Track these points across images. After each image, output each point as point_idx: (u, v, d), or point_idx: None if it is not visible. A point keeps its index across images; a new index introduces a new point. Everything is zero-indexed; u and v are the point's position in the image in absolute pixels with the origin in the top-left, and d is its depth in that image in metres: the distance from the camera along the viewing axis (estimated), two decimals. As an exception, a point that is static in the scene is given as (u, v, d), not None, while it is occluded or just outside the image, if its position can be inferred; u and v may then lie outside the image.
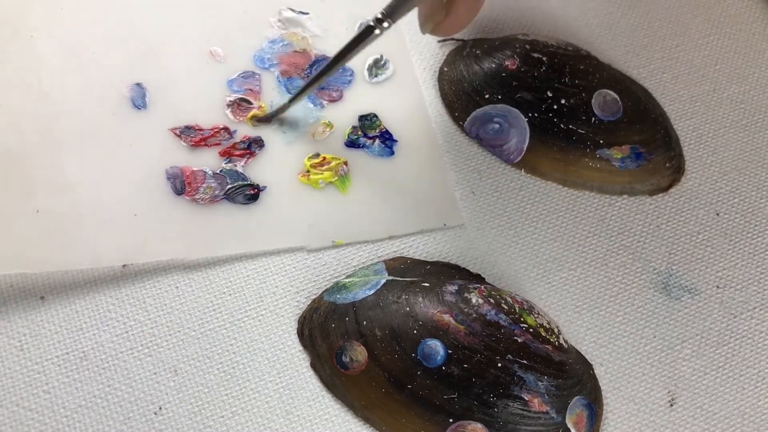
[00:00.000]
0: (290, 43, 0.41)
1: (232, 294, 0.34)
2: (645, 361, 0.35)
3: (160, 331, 0.33)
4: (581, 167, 0.39)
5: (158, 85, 0.38)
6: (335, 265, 0.36)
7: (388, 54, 0.41)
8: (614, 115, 0.40)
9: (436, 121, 0.40)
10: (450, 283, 0.33)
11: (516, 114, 0.39)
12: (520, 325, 0.31)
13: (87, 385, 0.31)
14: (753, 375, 0.36)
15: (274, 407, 0.32)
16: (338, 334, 0.33)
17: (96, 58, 0.38)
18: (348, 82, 0.40)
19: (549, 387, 0.31)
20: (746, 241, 0.39)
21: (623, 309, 0.37)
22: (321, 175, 0.37)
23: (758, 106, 0.44)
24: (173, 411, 0.31)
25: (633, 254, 0.38)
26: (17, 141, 0.35)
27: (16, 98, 0.36)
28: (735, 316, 0.37)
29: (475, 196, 0.39)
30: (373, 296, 0.33)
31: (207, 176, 0.36)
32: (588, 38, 0.44)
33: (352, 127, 0.39)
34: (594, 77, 0.40)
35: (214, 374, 0.32)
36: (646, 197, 0.40)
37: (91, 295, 0.33)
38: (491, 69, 0.40)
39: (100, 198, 0.35)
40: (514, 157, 0.39)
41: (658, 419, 0.34)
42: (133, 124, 0.37)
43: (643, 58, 0.44)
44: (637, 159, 0.40)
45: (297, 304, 0.35)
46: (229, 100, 0.38)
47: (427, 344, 0.31)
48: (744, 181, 0.41)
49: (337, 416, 0.32)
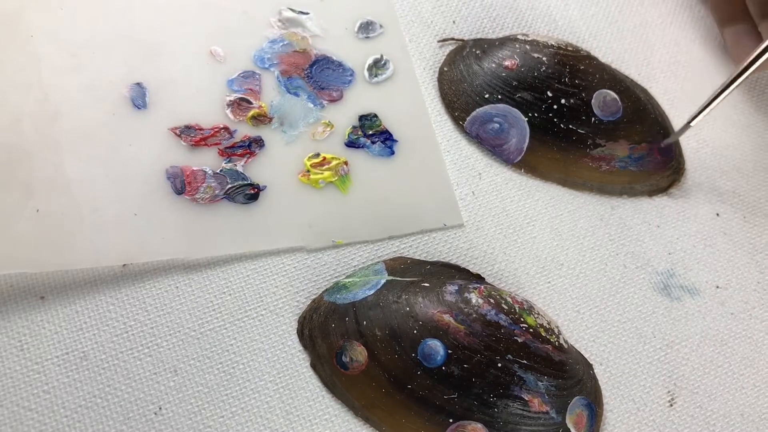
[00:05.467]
0: (290, 42, 0.41)
1: (232, 294, 0.34)
2: (645, 360, 0.35)
3: (160, 331, 0.33)
4: (581, 167, 0.39)
5: (158, 84, 0.38)
6: (335, 265, 0.36)
7: (388, 54, 0.41)
8: (614, 115, 0.40)
9: (436, 121, 0.40)
10: (450, 283, 0.33)
11: (516, 114, 0.39)
12: (520, 325, 0.31)
13: (87, 385, 0.31)
14: (753, 375, 0.36)
15: (274, 407, 0.32)
16: (338, 334, 0.33)
17: (96, 58, 0.38)
18: (348, 82, 0.40)
19: (549, 387, 0.31)
20: (746, 241, 0.39)
21: (623, 309, 0.37)
22: (321, 175, 0.37)
23: (758, 106, 0.44)
24: (173, 411, 0.31)
25: (633, 254, 0.38)
26: (17, 141, 0.35)
27: (16, 98, 0.36)
28: (735, 316, 0.37)
29: (475, 196, 0.39)
30: (373, 296, 0.33)
31: (207, 176, 0.36)
32: (588, 38, 0.44)
33: (352, 127, 0.39)
34: (594, 77, 0.40)
35: (214, 374, 0.32)
36: (646, 197, 0.40)
37: (91, 295, 0.33)
38: (491, 69, 0.40)
39: (100, 198, 0.35)
40: (514, 157, 0.39)
41: (658, 419, 0.34)
42: (133, 123, 0.37)
43: (643, 58, 0.44)
44: (637, 159, 0.40)
45: (297, 304, 0.35)
46: (229, 100, 0.38)
47: (427, 344, 0.31)
48: (744, 181, 0.41)
49: (337, 416, 0.32)
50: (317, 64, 0.40)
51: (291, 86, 0.39)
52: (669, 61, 0.44)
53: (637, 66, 0.44)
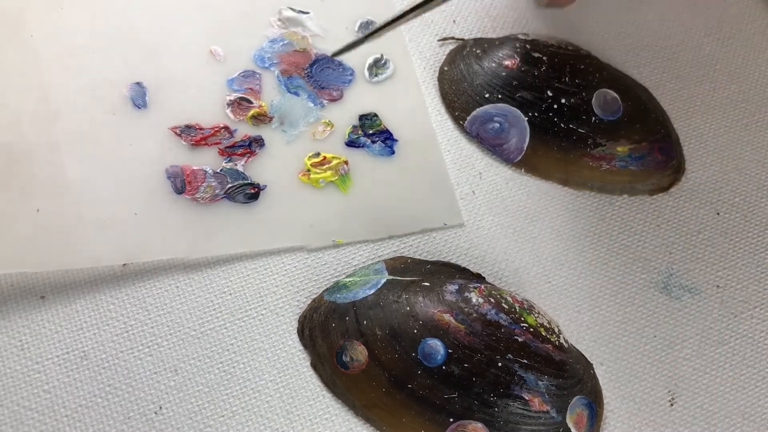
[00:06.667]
0: (290, 42, 0.41)
1: (233, 293, 0.34)
2: (645, 360, 0.35)
3: (161, 331, 0.33)
4: (581, 167, 0.39)
5: (158, 84, 0.38)
6: (335, 265, 0.36)
7: (388, 53, 0.41)
8: (614, 114, 0.40)
9: (436, 121, 0.40)
10: (450, 282, 0.33)
11: (516, 113, 0.39)
12: (520, 325, 0.31)
13: (87, 384, 0.31)
14: (753, 375, 0.36)
15: (274, 407, 0.32)
16: (338, 334, 0.33)
17: (96, 58, 0.38)
18: (348, 81, 0.40)
19: (549, 386, 0.31)
20: (746, 241, 0.39)
21: (623, 308, 0.37)
22: (321, 175, 0.37)
23: (758, 106, 0.44)
24: (173, 410, 0.31)
25: (633, 254, 0.38)
26: (17, 141, 0.35)
27: (16, 98, 0.36)
28: (735, 316, 0.37)
29: (475, 196, 0.39)
30: (373, 296, 0.33)
31: (207, 175, 0.36)
32: (588, 38, 0.44)
33: (352, 126, 0.39)
34: (594, 77, 0.40)
35: (215, 374, 0.32)
36: (646, 197, 0.40)
37: (91, 294, 0.33)
38: (491, 68, 0.40)
39: (100, 198, 0.35)
40: (514, 156, 0.39)
41: (659, 419, 0.34)
42: (133, 123, 0.37)
43: (643, 58, 0.44)
44: (638, 158, 0.40)
45: (297, 304, 0.35)
46: (229, 100, 0.38)
47: (427, 344, 0.31)
48: (744, 180, 0.41)
49: (337, 416, 0.32)
50: (317, 64, 0.40)
51: (291, 86, 0.39)
52: (669, 60, 0.44)
53: (637, 66, 0.44)
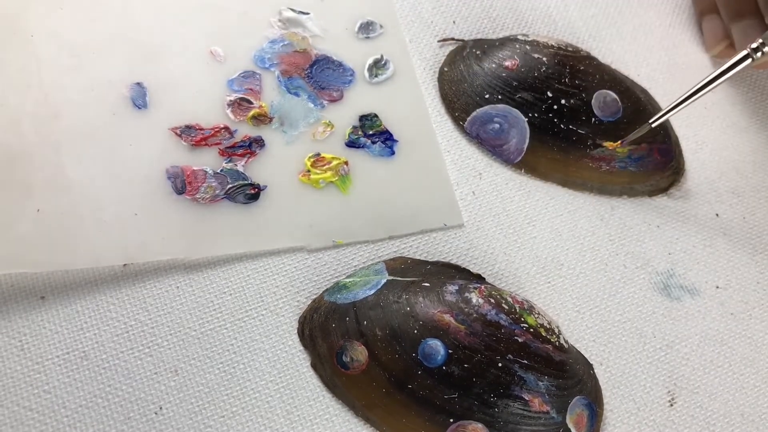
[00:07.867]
0: (290, 42, 0.41)
1: (233, 294, 0.34)
2: (645, 360, 0.35)
3: (161, 331, 0.33)
4: (581, 167, 0.39)
5: (158, 84, 0.38)
6: (335, 265, 0.36)
7: (388, 54, 0.41)
8: (614, 115, 0.40)
9: (436, 121, 0.40)
10: (450, 283, 0.33)
11: (516, 114, 0.39)
12: (520, 325, 0.31)
13: (87, 384, 0.31)
14: (753, 375, 0.36)
15: (274, 407, 0.32)
16: (339, 334, 0.33)
17: (96, 58, 0.38)
18: (348, 82, 0.40)
19: (549, 387, 0.31)
20: (746, 241, 0.39)
21: (623, 309, 0.37)
22: (321, 175, 0.37)
23: (758, 107, 0.44)
24: (174, 411, 0.31)
25: (633, 254, 0.38)
26: (17, 141, 0.35)
27: (16, 98, 0.36)
28: (735, 316, 0.37)
29: (475, 196, 0.39)
30: (373, 296, 0.33)
31: (208, 176, 0.36)
32: (588, 38, 0.44)
33: (352, 127, 0.39)
34: (594, 77, 0.40)
35: (215, 374, 0.32)
36: (646, 197, 0.40)
37: (92, 295, 0.33)
38: (491, 69, 0.40)
39: (100, 198, 0.35)
40: (514, 157, 0.39)
41: (658, 419, 0.34)
42: (134, 123, 0.37)
43: (643, 58, 0.44)
44: (637, 159, 0.40)
45: (297, 304, 0.35)
46: (229, 100, 0.38)
47: (427, 344, 0.31)
48: (743, 181, 0.41)
49: (337, 416, 0.32)
50: (317, 64, 0.40)
51: (291, 86, 0.39)
52: (668, 62, 0.44)
53: (636, 67, 0.44)
